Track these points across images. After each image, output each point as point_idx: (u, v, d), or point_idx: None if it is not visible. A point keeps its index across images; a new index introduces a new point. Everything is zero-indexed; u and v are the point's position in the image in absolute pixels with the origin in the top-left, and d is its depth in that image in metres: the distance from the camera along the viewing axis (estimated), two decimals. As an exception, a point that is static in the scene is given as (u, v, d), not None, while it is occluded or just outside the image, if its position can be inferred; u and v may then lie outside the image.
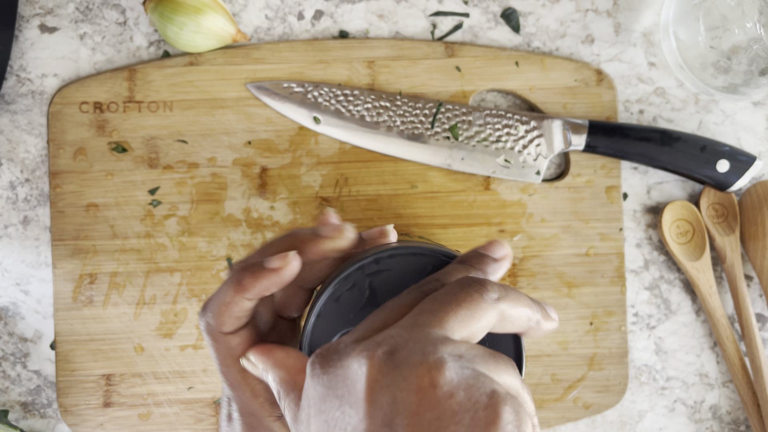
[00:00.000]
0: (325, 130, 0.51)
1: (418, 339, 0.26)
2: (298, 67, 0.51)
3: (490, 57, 0.52)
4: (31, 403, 0.52)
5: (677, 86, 0.53)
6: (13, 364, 0.52)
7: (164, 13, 0.48)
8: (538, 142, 0.51)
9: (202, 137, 0.51)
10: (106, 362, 0.51)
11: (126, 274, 0.51)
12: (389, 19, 0.53)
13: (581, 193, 0.52)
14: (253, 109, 0.51)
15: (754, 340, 0.51)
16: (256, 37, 0.53)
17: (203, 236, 0.51)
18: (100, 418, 0.51)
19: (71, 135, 0.51)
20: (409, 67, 0.52)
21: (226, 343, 0.33)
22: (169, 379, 0.51)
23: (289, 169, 0.51)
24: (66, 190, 0.51)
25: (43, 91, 0.52)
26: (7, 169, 0.52)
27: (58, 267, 0.51)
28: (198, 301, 0.51)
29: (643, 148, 0.50)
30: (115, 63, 0.52)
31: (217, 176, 0.51)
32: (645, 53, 0.53)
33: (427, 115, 0.51)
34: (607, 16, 0.53)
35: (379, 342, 0.26)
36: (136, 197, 0.51)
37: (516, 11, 0.53)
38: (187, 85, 0.51)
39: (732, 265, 0.52)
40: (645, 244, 0.53)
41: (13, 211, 0.52)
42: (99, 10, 0.52)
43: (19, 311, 0.52)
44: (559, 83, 0.52)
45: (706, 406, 0.54)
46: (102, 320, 0.51)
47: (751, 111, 0.53)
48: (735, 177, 0.50)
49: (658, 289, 0.53)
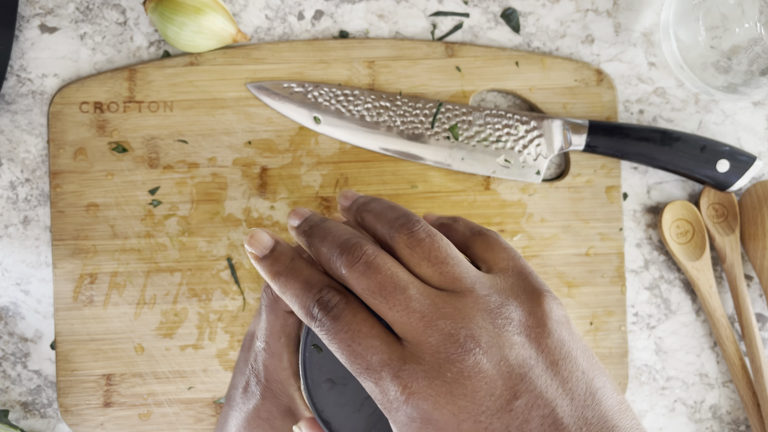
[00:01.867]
0: (325, 130, 0.51)
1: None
2: (299, 67, 0.51)
3: (490, 57, 0.52)
4: (32, 402, 0.52)
5: (677, 86, 0.53)
6: (13, 363, 0.52)
7: (164, 13, 0.48)
8: (538, 142, 0.51)
9: (202, 137, 0.51)
10: (106, 362, 0.51)
11: (126, 273, 0.51)
12: (389, 19, 0.53)
13: (581, 193, 0.52)
14: (253, 109, 0.51)
15: (754, 339, 0.51)
16: (256, 37, 0.53)
17: (203, 236, 0.51)
18: (101, 418, 0.51)
19: (71, 135, 0.51)
20: (409, 67, 0.52)
21: (284, 319, 0.36)
22: (169, 378, 0.51)
23: (290, 169, 0.52)
24: (66, 190, 0.51)
25: (43, 91, 0.52)
26: (7, 168, 0.52)
27: (58, 267, 0.51)
28: (198, 301, 0.51)
29: (643, 148, 0.50)
30: (115, 63, 0.52)
31: (217, 176, 0.51)
32: (645, 53, 0.53)
33: (427, 115, 0.51)
34: (607, 16, 0.53)
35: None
36: (137, 197, 0.51)
37: (516, 11, 0.53)
38: (187, 85, 0.51)
39: (732, 264, 0.52)
40: (645, 243, 0.53)
41: (13, 211, 0.52)
42: (99, 10, 0.52)
43: (19, 311, 0.52)
44: (559, 83, 0.52)
45: (706, 406, 0.54)
46: (102, 320, 0.51)
47: (751, 111, 0.53)
48: (735, 177, 0.50)
49: (658, 289, 0.53)
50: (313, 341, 0.30)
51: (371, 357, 0.27)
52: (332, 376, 0.30)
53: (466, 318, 0.27)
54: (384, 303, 0.27)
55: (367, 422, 0.30)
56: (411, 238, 0.29)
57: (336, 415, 0.30)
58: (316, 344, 0.30)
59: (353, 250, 0.28)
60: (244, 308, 0.52)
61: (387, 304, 0.27)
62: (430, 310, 0.27)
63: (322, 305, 0.28)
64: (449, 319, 0.27)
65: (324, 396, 0.30)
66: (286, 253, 0.30)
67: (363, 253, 0.28)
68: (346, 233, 0.29)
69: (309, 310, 0.28)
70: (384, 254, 0.28)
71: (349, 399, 0.30)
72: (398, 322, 0.27)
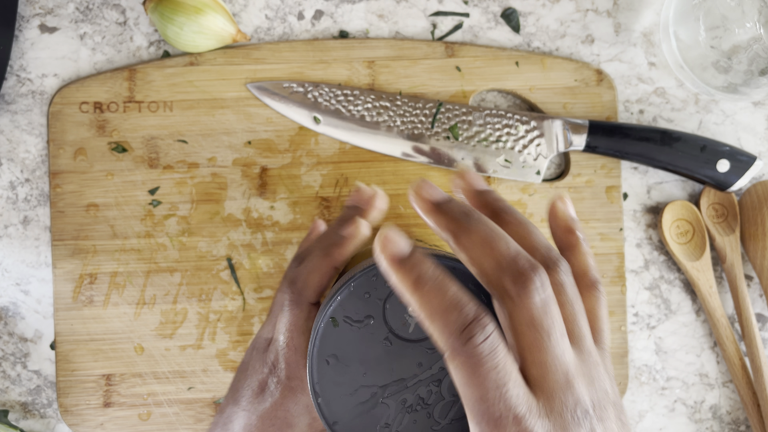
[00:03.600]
0: (325, 130, 0.51)
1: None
2: (298, 67, 0.51)
3: (490, 57, 0.52)
4: (31, 403, 0.52)
5: (677, 86, 0.53)
6: (13, 364, 0.52)
7: (164, 13, 0.48)
8: (539, 142, 0.51)
9: (202, 137, 0.51)
10: (106, 362, 0.51)
11: (126, 274, 0.51)
12: (389, 19, 0.53)
13: (581, 193, 0.52)
14: (253, 109, 0.51)
15: (754, 340, 0.51)
16: (256, 37, 0.53)
17: (203, 236, 0.51)
18: (100, 418, 0.51)
19: (71, 135, 0.51)
20: (409, 67, 0.52)
21: (308, 312, 0.36)
22: (169, 379, 0.51)
23: (289, 169, 0.52)
24: (66, 190, 0.51)
25: (43, 91, 0.52)
26: (7, 169, 0.52)
27: (58, 267, 0.51)
28: (198, 301, 0.51)
29: (643, 148, 0.50)
30: (115, 63, 0.52)
31: (217, 176, 0.51)
32: (645, 53, 0.53)
33: (427, 115, 0.51)
34: (607, 16, 0.53)
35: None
36: (136, 197, 0.51)
37: (516, 11, 0.53)
38: (187, 85, 0.51)
39: (732, 265, 0.52)
40: (645, 244, 0.53)
41: (13, 211, 0.52)
42: (99, 10, 0.52)
43: (19, 311, 0.52)
44: (559, 83, 0.52)
45: (706, 406, 0.54)
46: (102, 320, 0.51)
47: (751, 111, 0.53)
48: (735, 177, 0.50)
49: (658, 289, 0.53)
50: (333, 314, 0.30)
51: (505, 404, 0.24)
52: (338, 353, 0.30)
53: (595, 382, 0.26)
54: (546, 340, 0.25)
55: (356, 409, 0.30)
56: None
57: (328, 391, 0.30)
58: (334, 318, 0.30)
59: (529, 272, 0.25)
60: (244, 308, 0.51)
61: (548, 343, 0.25)
62: (574, 366, 0.25)
63: (477, 331, 0.24)
64: (584, 381, 0.25)
65: (324, 369, 0.30)
66: (427, 260, 0.26)
67: (540, 282, 0.25)
68: (514, 247, 0.26)
69: (455, 331, 0.24)
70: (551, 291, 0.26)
71: (346, 381, 0.30)
72: (544, 368, 0.24)
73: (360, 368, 0.30)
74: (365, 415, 0.30)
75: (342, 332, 0.30)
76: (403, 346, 0.30)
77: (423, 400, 0.30)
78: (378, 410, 0.30)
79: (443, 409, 0.30)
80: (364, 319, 0.30)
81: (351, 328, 0.30)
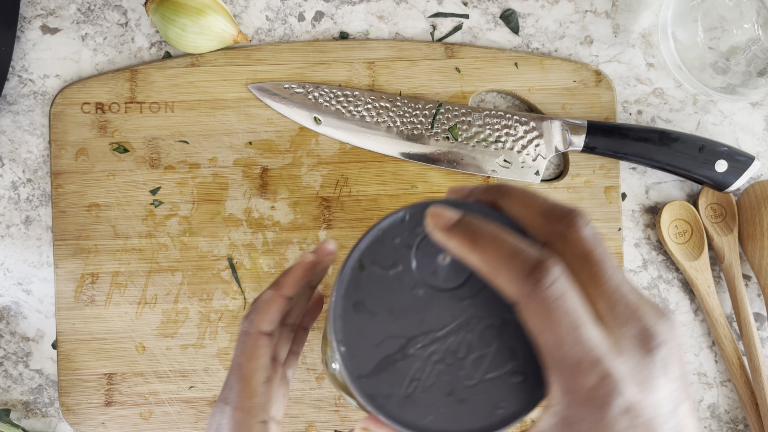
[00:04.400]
0: (325, 130, 0.51)
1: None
2: (299, 68, 0.52)
3: (489, 58, 0.52)
4: (33, 402, 0.52)
5: (676, 87, 0.53)
6: (15, 363, 0.52)
7: (166, 15, 0.49)
8: (537, 142, 0.51)
9: (203, 138, 0.51)
10: (107, 361, 0.51)
11: (127, 273, 0.51)
12: (389, 20, 0.53)
13: (580, 193, 0.52)
14: (254, 110, 0.52)
15: (752, 339, 0.52)
16: (257, 38, 0.53)
17: (204, 236, 0.51)
18: (102, 417, 0.51)
19: (73, 135, 0.51)
20: (409, 68, 0.52)
21: (259, 342, 0.37)
22: (170, 378, 0.51)
23: (290, 170, 0.52)
24: (68, 190, 0.51)
25: (45, 92, 0.52)
26: (9, 169, 0.52)
27: (59, 267, 0.51)
28: (199, 300, 0.51)
29: (642, 149, 0.50)
30: (116, 64, 0.52)
31: (218, 176, 0.52)
32: (643, 54, 0.53)
33: (426, 116, 0.51)
34: (606, 17, 0.53)
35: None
36: (138, 197, 0.51)
37: (515, 12, 0.53)
38: (188, 86, 0.51)
39: (730, 264, 0.52)
40: (643, 243, 0.53)
41: (15, 211, 0.52)
42: (101, 11, 0.52)
43: (21, 311, 0.52)
44: (558, 84, 0.52)
45: (705, 405, 0.54)
46: (103, 319, 0.51)
47: (749, 111, 0.54)
48: (733, 177, 0.50)
49: (657, 289, 0.54)
50: (361, 257, 0.28)
51: (581, 348, 0.23)
52: (365, 299, 0.28)
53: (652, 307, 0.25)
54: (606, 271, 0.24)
55: (380, 363, 0.28)
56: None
57: (352, 342, 0.28)
58: (361, 261, 0.28)
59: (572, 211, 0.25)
60: (245, 308, 0.52)
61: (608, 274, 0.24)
62: (632, 293, 0.25)
63: (543, 274, 0.23)
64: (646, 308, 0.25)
65: (349, 316, 0.28)
66: (476, 218, 0.26)
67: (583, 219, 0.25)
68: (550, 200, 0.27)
69: (521, 277, 0.24)
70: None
71: (372, 330, 0.28)
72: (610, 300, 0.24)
73: (387, 317, 0.28)
74: (391, 368, 0.28)
75: (369, 278, 0.28)
76: (434, 295, 0.28)
77: (454, 353, 0.27)
78: (405, 363, 0.27)
79: (475, 362, 0.28)
80: (393, 265, 0.28)
81: (378, 274, 0.28)
